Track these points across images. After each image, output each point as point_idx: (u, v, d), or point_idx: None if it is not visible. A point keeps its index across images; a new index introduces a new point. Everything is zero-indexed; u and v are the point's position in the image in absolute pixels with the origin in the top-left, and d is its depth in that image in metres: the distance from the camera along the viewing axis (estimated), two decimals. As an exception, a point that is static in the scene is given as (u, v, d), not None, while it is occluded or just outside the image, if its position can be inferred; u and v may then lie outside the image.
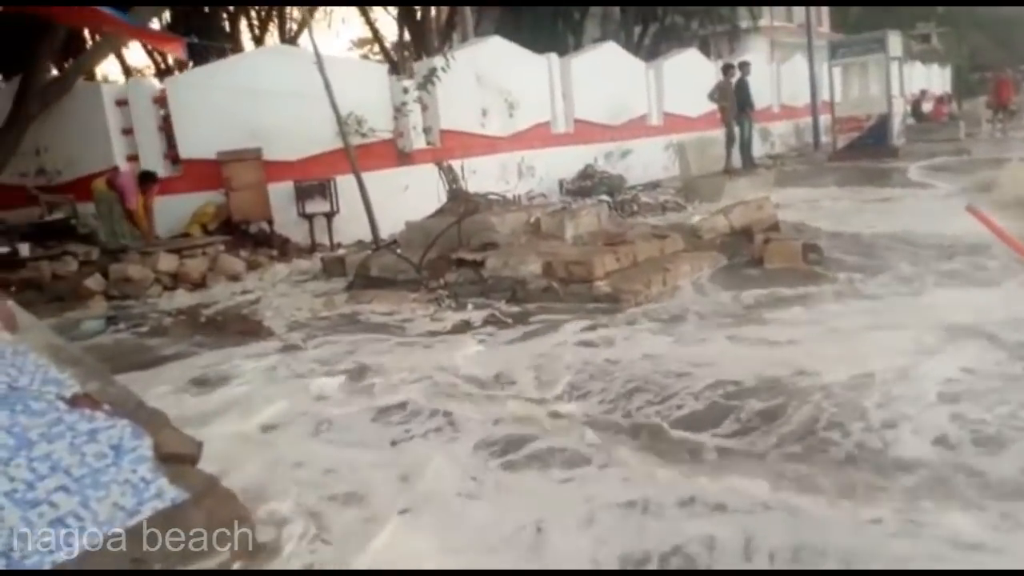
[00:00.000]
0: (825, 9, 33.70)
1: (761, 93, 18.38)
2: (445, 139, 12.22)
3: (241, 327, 6.54)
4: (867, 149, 17.36)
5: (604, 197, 11.49)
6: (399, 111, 11.61)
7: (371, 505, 3.20)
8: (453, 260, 7.43)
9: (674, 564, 2.63)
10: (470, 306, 6.73)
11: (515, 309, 6.51)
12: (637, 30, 23.69)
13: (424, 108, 11.96)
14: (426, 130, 12.08)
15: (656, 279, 6.63)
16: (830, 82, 18.99)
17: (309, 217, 10.45)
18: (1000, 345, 4.52)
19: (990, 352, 4.41)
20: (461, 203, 8.36)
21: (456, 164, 9.89)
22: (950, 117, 23.21)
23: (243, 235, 10.18)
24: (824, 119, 20.15)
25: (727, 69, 14.91)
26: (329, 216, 10.49)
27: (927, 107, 23.78)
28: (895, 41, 18.66)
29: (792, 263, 7.21)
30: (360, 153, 10.16)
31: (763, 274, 6.98)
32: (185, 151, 10.47)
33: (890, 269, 6.84)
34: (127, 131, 10.59)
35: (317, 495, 3.31)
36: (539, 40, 16.37)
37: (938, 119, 22.72)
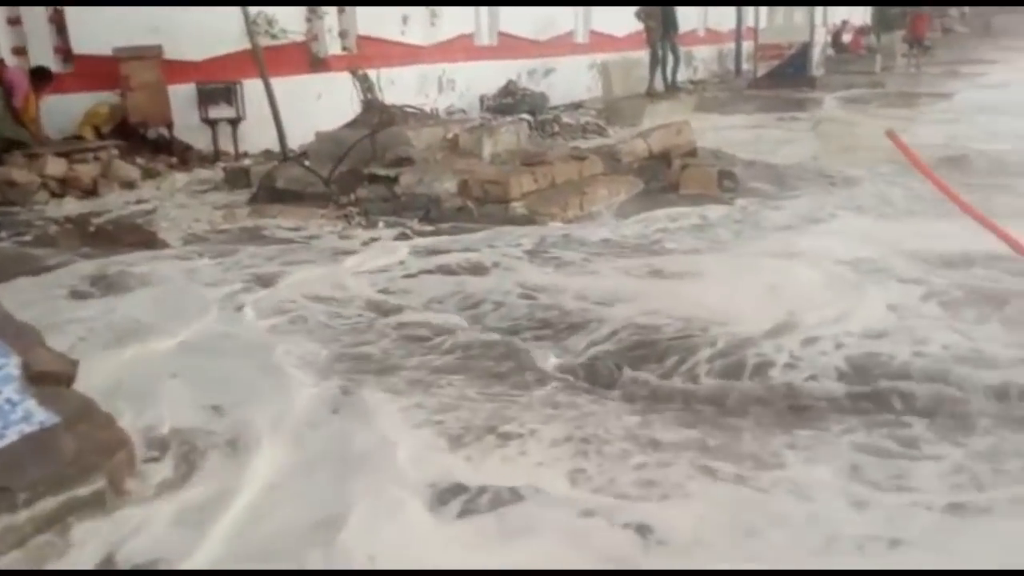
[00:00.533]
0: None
1: (687, 16, 18.20)
2: (362, 46, 11.65)
3: (133, 238, 6.16)
4: (786, 78, 17.45)
5: (525, 116, 11.22)
6: (313, 12, 10.97)
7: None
8: (365, 175, 7.14)
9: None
10: (381, 224, 6.50)
11: (427, 228, 6.33)
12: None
13: (341, 11, 11.34)
14: (342, 34, 11.48)
15: (573, 202, 6.52)
16: (756, 8, 18.96)
17: (212, 123, 9.87)
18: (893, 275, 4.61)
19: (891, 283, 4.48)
20: (376, 115, 8.01)
21: (373, 73, 9.42)
22: (868, 50, 23.49)
23: (140, 140, 9.56)
24: (747, 46, 20.14)
25: (657, -12, 14.62)
26: (234, 123, 9.94)
27: (847, 38, 23.98)
28: (821, -31, 18.68)
29: (707, 189, 7.20)
30: (270, 56, 9.56)
31: (678, 200, 6.96)
32: (78, 46, 9.68)
33: (801, 197, 6.91)
34: (13, 21, 9.73)
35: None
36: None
37: (856, 51, 22.97)
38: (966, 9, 45.45)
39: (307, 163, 7.57)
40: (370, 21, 11.72)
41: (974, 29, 39.67)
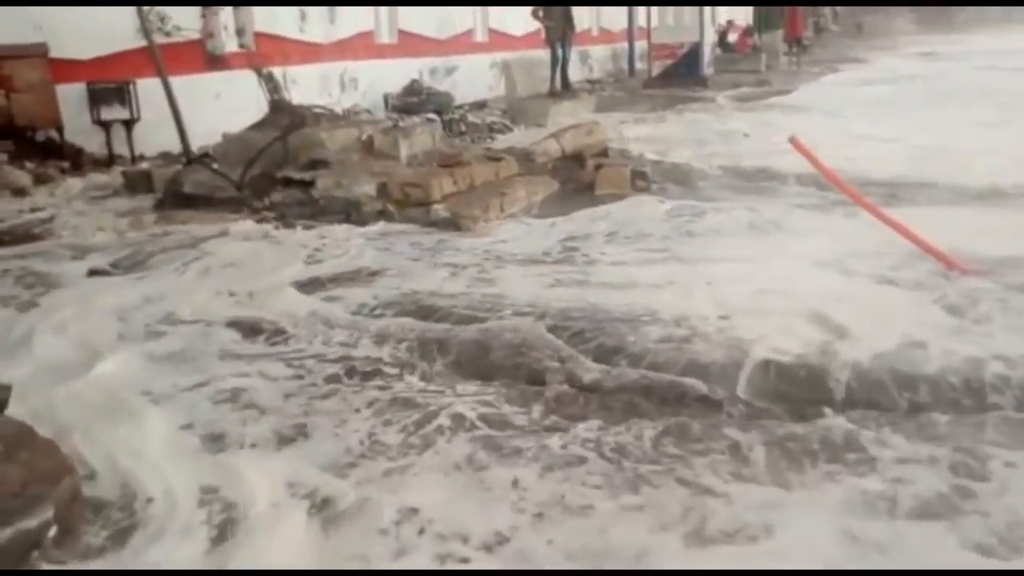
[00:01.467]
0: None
1: (581, 16, 18.50)
2: (260, 43, 11.32)
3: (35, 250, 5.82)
4: (679, 77, 18.00)
5: (432, 115, 11.17)
6: (208, 9, 10.60)
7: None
8: (279, 178, 6.97)
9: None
10: (299, 228, 6.36)
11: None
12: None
13: (236, 7, 10.99)
14: (239, 32, 11.13)
15: (494, 204, 6.54)
16: (647, 8, 19.45)
17: (105, 125, 9.40)
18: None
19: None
20: (285, 116, 7.80)
21: (277, 72, 9.20)
22: (753, 48, 24.44)
23: (28, 143, 9.01)
24: (640, 45, 20.64)
25: (553, -13, 14.78)
26: (129, 124, 9.49)
27: (732, 38, 24.90)
28: (708, -30, 19.32)
29: (622, 189, 7.37)
30: (163, 55, 9.18)
31: (594, 200, 7.09)
32: (-48, 43, 9.04)
33: (708, 199, 7.10)
34: None
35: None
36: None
37: (741, 50, 23.89)
38: (839, 9, 47.87)
39: (215, 166, 7.31)
40: (267, 18, 11.41)
41: (846, 28, 41.75)
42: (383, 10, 13.72)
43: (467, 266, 5.23)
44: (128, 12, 8.65)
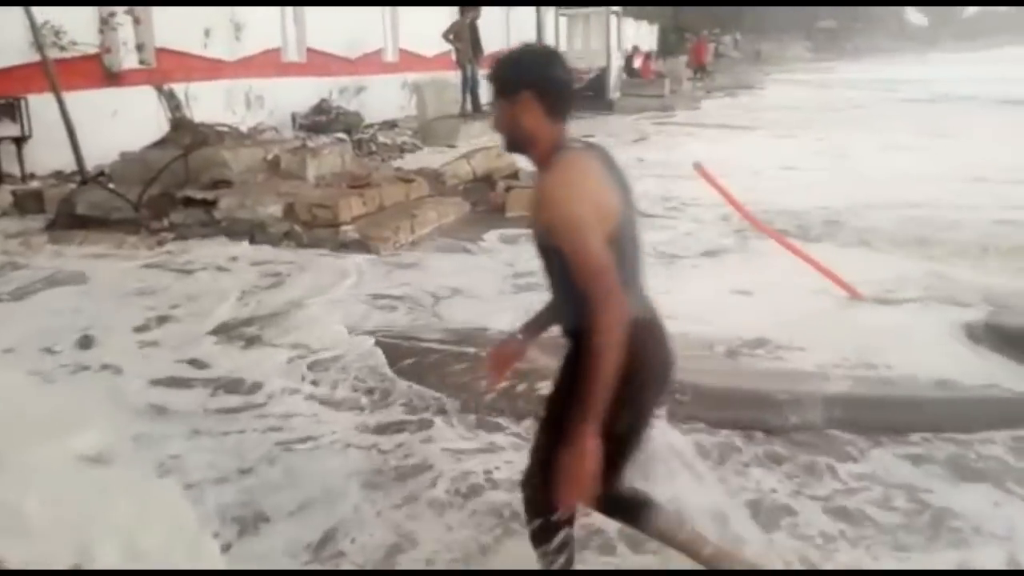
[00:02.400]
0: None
1: (493, 37, 18.63)
2: (161, 59, 10.98)
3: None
4: (587, 101, 18.30)
5: (341, 135, 11.02)
6: (106, 23, 10.22)
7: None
8: (179, 198, 6.74)
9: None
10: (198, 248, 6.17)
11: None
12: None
13: (137, 22, 10.63)
14: (139, 47, 10.77)
15: (404, 225, 6.49)
16: (556, 32, 19.75)
17: (-6, 141, 8.94)
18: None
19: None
20: (187, 134, 7.56)
21: (179, 89, 8.90)
22: (657, 74, 25.09)
23: (-92, 160, 8.49)
24: (550, 68, 20.89)
25: (463, 9, 14.84)
26: (19, 141, 9.05)
27: (637, 63, 25.48)
28: (615, -3, 19.79)
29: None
30: (58, 70, 8.81)
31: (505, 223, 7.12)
32: None
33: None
34: None
35: None
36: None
37: (646, 76, 24.47)
38: (738, 36, 49.73)
39: (111, 186, 7.02)
40: (169, 34, 11.08)
41: (745, 55, 43.35)
42: (291, 27, 13.53)
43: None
44: (20, 25, 8.27)
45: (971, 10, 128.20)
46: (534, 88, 1.90)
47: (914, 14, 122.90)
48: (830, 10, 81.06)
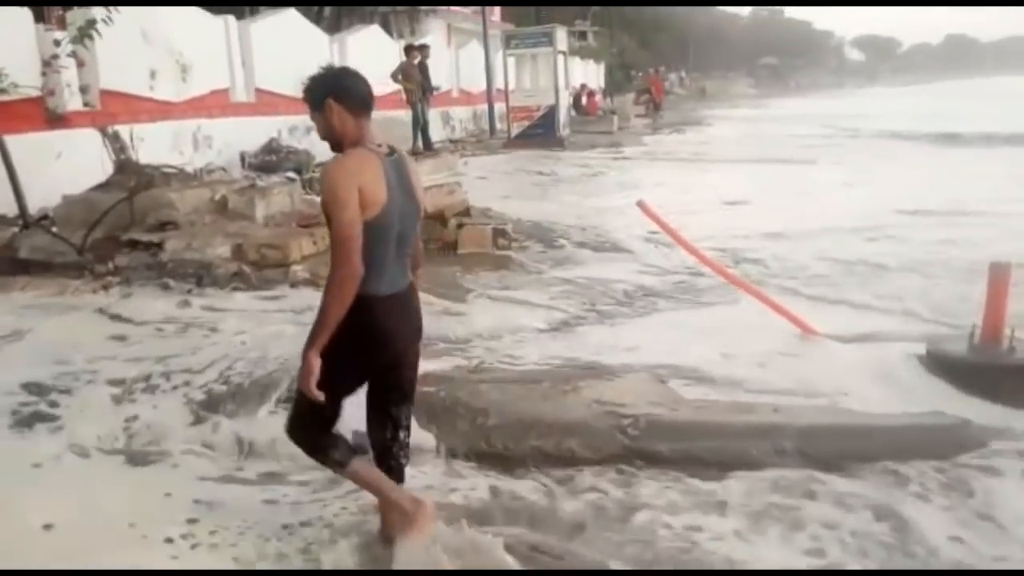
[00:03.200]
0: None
1: (441, 77, 18.80)
2: (106, 101, 10.83)
3: None
4: (537, 138, 18.54)
5: (291, 174, 10.96)
6: (49, 65, 10.07)
7: None
8: (124, 241, 6.63)
9: None
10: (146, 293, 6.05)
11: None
12: (317, -1, 22.98)
13: (80, 64, 10.49)
14: (83, 89, 10.61)
15: (355, 264, 6.44)
16: (504, 71, 19.99)
17: (-70, 185, 8.70)
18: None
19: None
20: (132, 176, 7.47)
21: (124, 130, 8.79)
22: (605, 111, 25.56)
23: None
24: (499, 107, 21.15)
25: (409, 50, 14.99)
26: (-43, 185, 8.83)
27: (585, 100, 25.94)
28: (562, 36, 20.11)
29: (483, 247, 7.45)
30: (-2, 112, 8.65)
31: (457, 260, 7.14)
32: None
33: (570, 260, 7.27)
34: None
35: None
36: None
37: (594, 113, 24.91)
38: (684, 73, 50.91)
39: (54, 229, 6.88)
40: (114, 75, 10.95)
41: (691, 92, 44.30)
42: (239, 68, 13.48)
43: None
44: (-45, 65, 8.10)
45: (906, 45, 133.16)
46: (333, 94, 2.50)
47: (852, 51, 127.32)
48: (771, 48, 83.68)
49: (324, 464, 2.67)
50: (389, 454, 2.73)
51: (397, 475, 2.73)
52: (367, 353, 2.48)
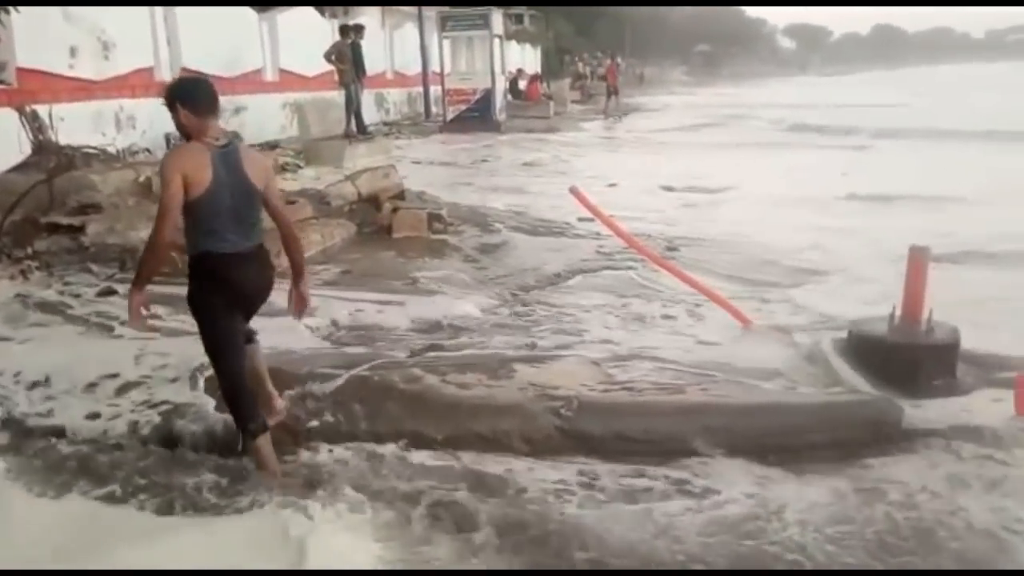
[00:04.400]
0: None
1: (375, 59, 18.54)
2: (24, 79, 10.37)
3: None
4: (473, 122, 18.46)
5: (219, 156, 10.69)
6: (-41, 41, 9.61)
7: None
8: (44, 224, 6.39)
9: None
10: (66, 278, 5.84)
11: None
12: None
13: (-5, 40, 10.04)
14: (-2, 66, 10.17)
15: (287, 248, 6.32)
16: (440, 54, 19.83)
17: None
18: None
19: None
20: (51, 157, 7.21)
21: (42, 110, 8.46)
22: (542, 96, 25.55)
23: None
24: (435, 90, 20.98)
25: (344, 30, 14.73)
26: None
27: (523, 85, 25.88)
28: (498, 19, 20.02)
29: (419, 232, 7.40)
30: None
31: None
32: None
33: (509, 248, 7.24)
34: None
35: None
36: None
37: (533, 98, 24.86)
38: (620, 60, 51.15)
39: (-33, 213, 6.59)
40: (32, 53, 10.50)
41: (628, 79, 44.60)
42: (164, 46, 13.07)
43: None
44: None
45: (837, 35, 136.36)
46: (180, 99, 3.08)
47: (784, 39, 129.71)
48: (706, 36, 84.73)
49: (239, 425, 3.25)
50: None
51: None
52: (218, 292, 3.16)
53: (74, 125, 10.20)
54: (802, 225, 7.95)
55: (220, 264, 3.13)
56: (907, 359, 3.97)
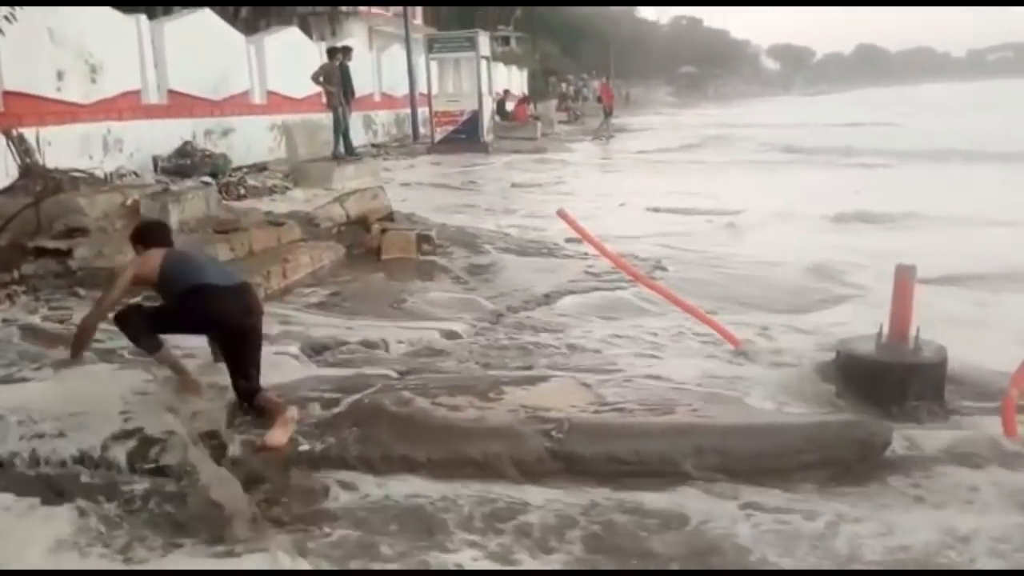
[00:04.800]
0: (419, 1, 34.97)
1: (363, 80, 18.61)
2: (10, 102, 10.34)
3: None
4: (461, 143, 18.55)
5: (207, 179, 10.69)
6: (-55, 67, 9.59)
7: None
8: (30, 248, 6.35)
9: None
10: (52, 303, 5.81)
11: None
12: (233, -1, 22.50)
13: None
14: (-17, 90, 10.15)
15: (275, 271, 6.33)
16: (427, 75, 19.93)
17: None
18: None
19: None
20: (38, 180, 7.18)
21: (29, 134, 8.43)
22: (532, 117, 25.69)
23: None
24: (422, 111, 21.06)
25: (332, 52, 14.79)
26: None
27: (510, 106, 26.02)
28: (485, 41, 20.16)
29: (407, 253, 7.40)
30: None
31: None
32: None
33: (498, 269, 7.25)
34: None
35: None
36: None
37: (521, 119, 24.98)
38: (606, 80, 51.54)
39: (-47, 237, 6.55)
40: (19, 75, 10.49)
41: (615, 99, 45.12)
42: (151, 69, 13.07)
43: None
44: None
45: (820, 55, 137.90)
46: (138, 242, 4.08)
47: (768, 60, 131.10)
48: (690, 57, 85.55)
49: (138, 346, 3.96)
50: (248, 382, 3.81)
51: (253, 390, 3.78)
52: (187, 316, 3.80)
53: (61, 148, 10.17)
54: (816, 245, 7.95)
55: (200, 295, 3.73)
56: (895, 378, 4.00)
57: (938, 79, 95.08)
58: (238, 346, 3.81)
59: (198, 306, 3.76)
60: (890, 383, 3.98)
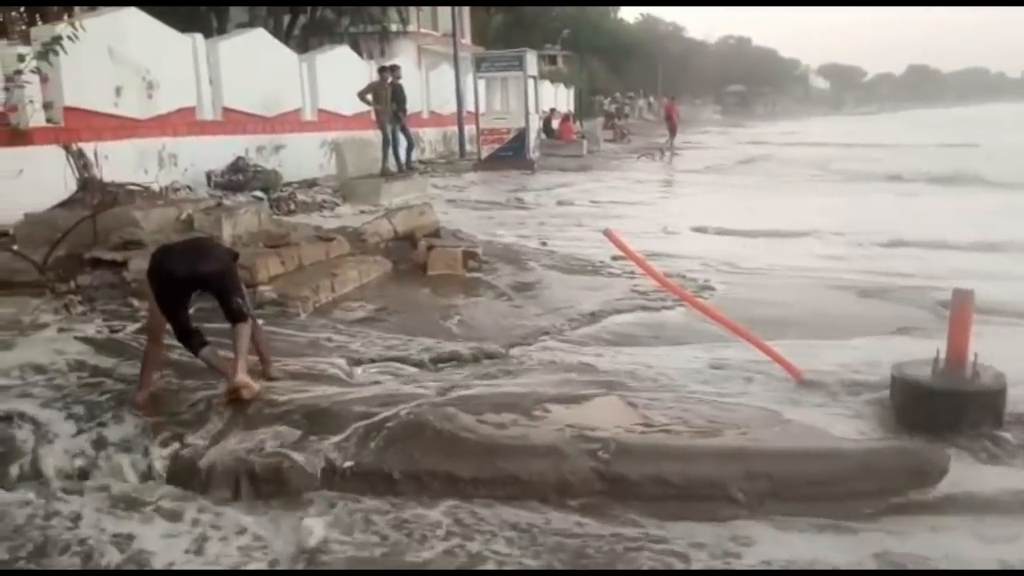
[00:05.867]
0: (467, 21, 35.34)
1: (412, 99, 18.83)
2: (70, 118, 10.69)
3: None
4: (507, 160, 18.64)
5: (259, 193, 10.88)
6: (11, 81, 9.91)
7: None
8: (87, 260, 6.51)
9: None
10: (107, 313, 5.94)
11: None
12: (286, 20, 22.96)
13: (44, 80, 10.34)
14: (46, 105, 10.47)
15: (324, 284, 6.40)
16: (475, 94, 20.09)
17: None
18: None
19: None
20: (95, 194, 7.35)
21: (87, 148, 8.66)
22: (577, 135, 25.74)
23: None
24: (469, 129, 21.22)
25: (383, 70, 14.98)
26: (-84, 201, 8.63)
27: (556, 124, 26.11)
28: (532, 60, 20.28)
29: (454, 270, 7.42)
30: (-43, 128, 8.49)
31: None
32: None
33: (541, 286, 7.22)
34: None
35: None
36: (178, 16, 15.11)
37: (566, 137, 25.04)
38: (652, 99, 51.47)
39: (15, 247, 6.74)
40: (78, 92, 10.83)
41: (660, 117, 44.96)
42: (206, 86, 13.39)
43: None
44: (-83, 81, 7.95)
45: (871, 75, 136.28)
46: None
47: (817, 79, 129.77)
48: (739, 76, 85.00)
49: (189, 349, 4.26)
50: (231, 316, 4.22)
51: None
52: (159, 279, 4.22)
53: (118, 162, 10.43)
54: (905, 270, 7.72)
55: (163, 255, 4.26)
56: (952, 405, 3.88)
57: (994, 99, 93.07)
58: (185, 294, 4.30)
59: (152, 270, 4.20)
60: (947, 410, 3.87)
